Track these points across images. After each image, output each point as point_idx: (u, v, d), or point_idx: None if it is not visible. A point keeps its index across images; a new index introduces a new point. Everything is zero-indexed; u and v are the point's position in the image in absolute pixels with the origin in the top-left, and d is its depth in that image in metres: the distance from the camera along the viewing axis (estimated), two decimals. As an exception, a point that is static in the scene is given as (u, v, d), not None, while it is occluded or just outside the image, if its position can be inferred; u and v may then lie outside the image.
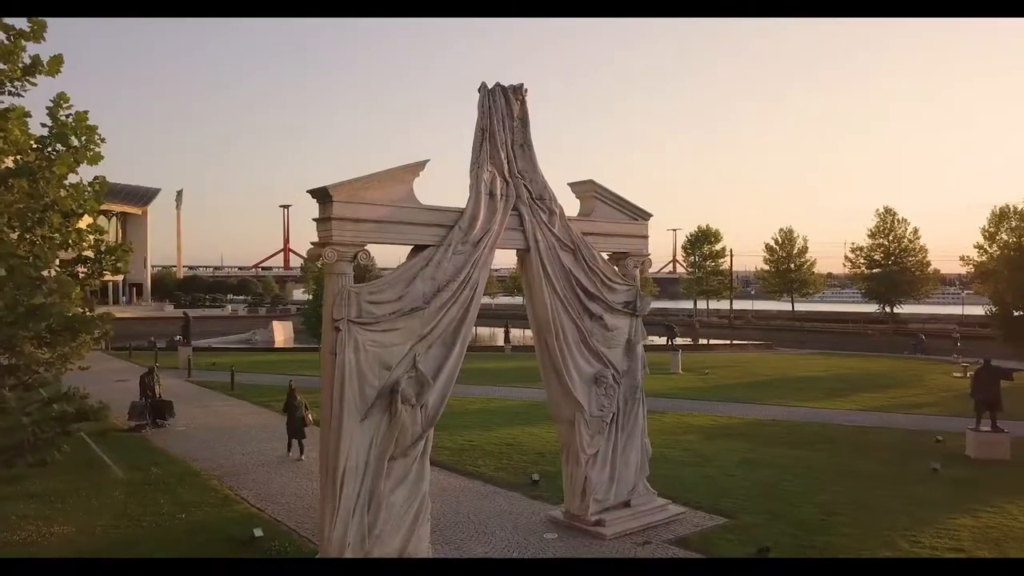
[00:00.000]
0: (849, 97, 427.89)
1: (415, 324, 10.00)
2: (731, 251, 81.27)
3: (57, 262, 9.54)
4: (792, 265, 77.27)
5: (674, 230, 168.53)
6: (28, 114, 9.81)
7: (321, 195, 9.51)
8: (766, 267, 79.34)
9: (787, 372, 37.34)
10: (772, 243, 79.27)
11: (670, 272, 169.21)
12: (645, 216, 13.07)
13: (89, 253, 9.87)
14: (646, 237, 13.12)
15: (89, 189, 10.02)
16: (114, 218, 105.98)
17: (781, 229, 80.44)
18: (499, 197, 10.90)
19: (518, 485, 14.99)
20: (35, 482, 14.44)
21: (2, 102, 8.83)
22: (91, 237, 9.85)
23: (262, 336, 57.84)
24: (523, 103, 11.40)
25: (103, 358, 42.47)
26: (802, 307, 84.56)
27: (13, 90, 9.28)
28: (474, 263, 10.53)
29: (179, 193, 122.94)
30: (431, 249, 10.24)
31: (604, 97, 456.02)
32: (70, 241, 9.52)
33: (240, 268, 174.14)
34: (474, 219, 10.58)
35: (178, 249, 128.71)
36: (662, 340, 46.30)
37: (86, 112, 10.39)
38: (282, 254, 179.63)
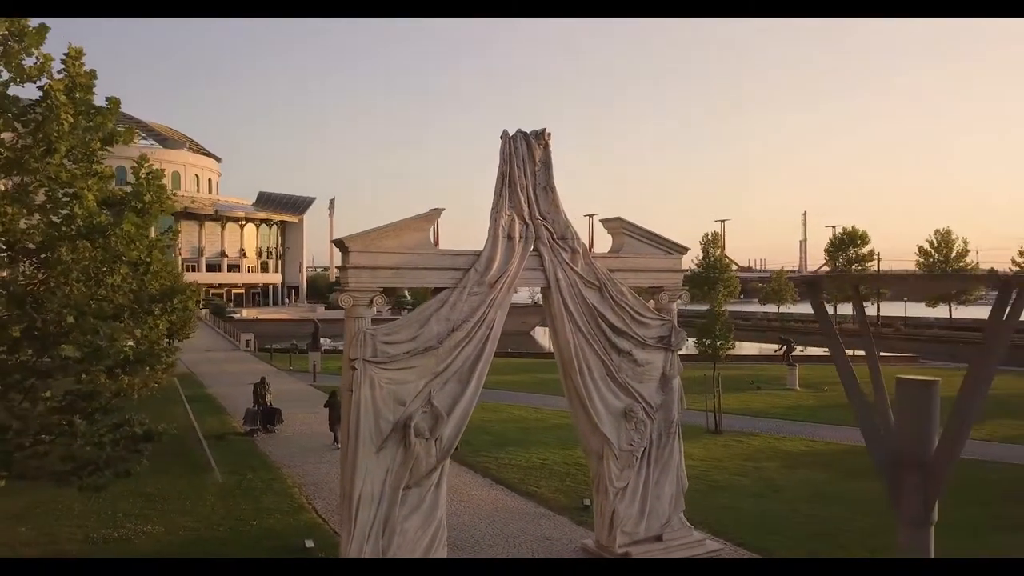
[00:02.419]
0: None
1: (430, 362, 10.71)
2: (879, 254, 75.98)
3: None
4: (950, 269, 71.10)
5: (832, 227, 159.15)
6: (112, 175, 11.53)
7: (340, 245, 10.45)
8: (919, 272, 73.46)
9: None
10: (926, 245, 73.39)
11: (811, 272, 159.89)
12: (681, 250, 13.06)
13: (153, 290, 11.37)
14: (681, 271, 13.09)
15: (160, 239, 11.59)
16: (274, 226, 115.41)
17: (937, 230, 74.25)
18: (517, 239, 11.38)
19: (569, 509, 15.35)
20: (149, 481, 16.56)
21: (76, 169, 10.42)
22: (155, 284, 11.38)
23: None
24: (546, 147, 11.81)
25: (248, 359, 46.83)
26: (963, 314, 77.41)
27: (96, 159, 10.93)
28: (490, 303, 11.08)
29: (332, 201, 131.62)
30: (447, 291, 10.91)
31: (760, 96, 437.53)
32: (136, 287, 11.10)
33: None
34: (490, 261, 11.14)
35: (331, 254, 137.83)
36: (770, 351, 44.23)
37: (161, 170, 12.01)
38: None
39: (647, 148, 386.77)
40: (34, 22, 10.85)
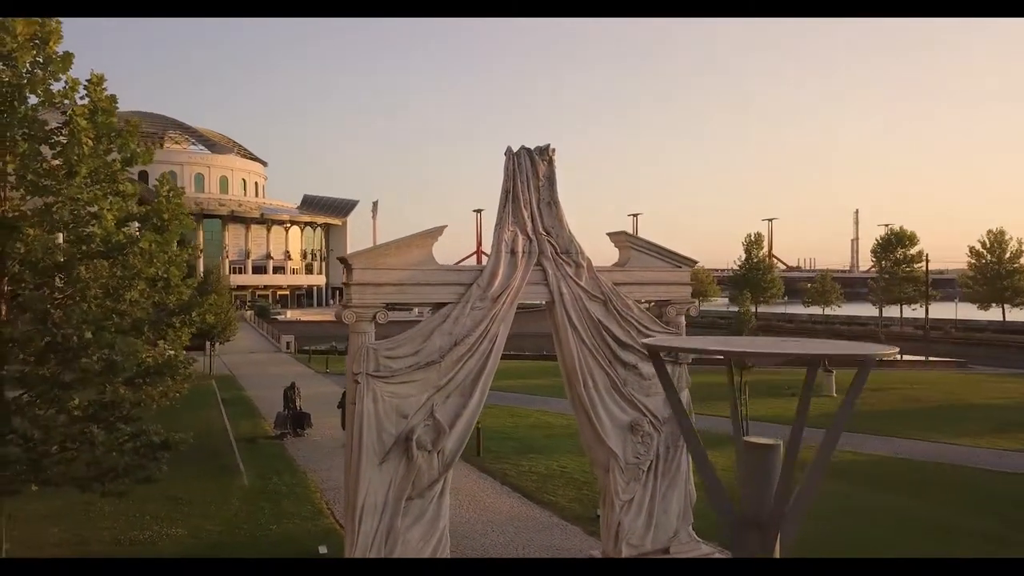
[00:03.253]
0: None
1: (432, 376, 10.93)
2: (927, 256, 73.85)
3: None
4: (1003, 271, 68.81)
5: (885, 225, 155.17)
6: (134, 193, 12.05)
7: (344, 262, 10.75)
8: (970, 273, 71.27)
9: (960, 398, 33.73)
10: (978, 246, 71.11)
11: (862, 272, 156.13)
12: (688, 263, 13.04)
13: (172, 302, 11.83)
14: (689, 284, 13.06)
15: (179, 255, 12.07)
16: (318, 229, 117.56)
17: (990, 231, 71.85)
18: (520, 254, 11.53)
19: (583, 519, 15.42)
20: (178, 484, 17.19)
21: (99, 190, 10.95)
22: (172, 298, 11.85)
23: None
24: (550, 163, 11.93)
25: (287, 361, 47.90)
26: (1017, 317, 74.72)
27: (117, 179, 11.46)
28: (493, 317, 11.25)
29: (375, 204, 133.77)
30: (450, 306, 11.12)
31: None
32: (158, 300, 11.59)
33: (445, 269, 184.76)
34: (493, 276, 11.31)
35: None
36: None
37: (183, 189, 12.52)
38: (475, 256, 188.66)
39: (694, 146, 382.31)
40: (60, 48, 11.45)
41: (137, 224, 11.43)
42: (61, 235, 10.69)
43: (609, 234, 12.84)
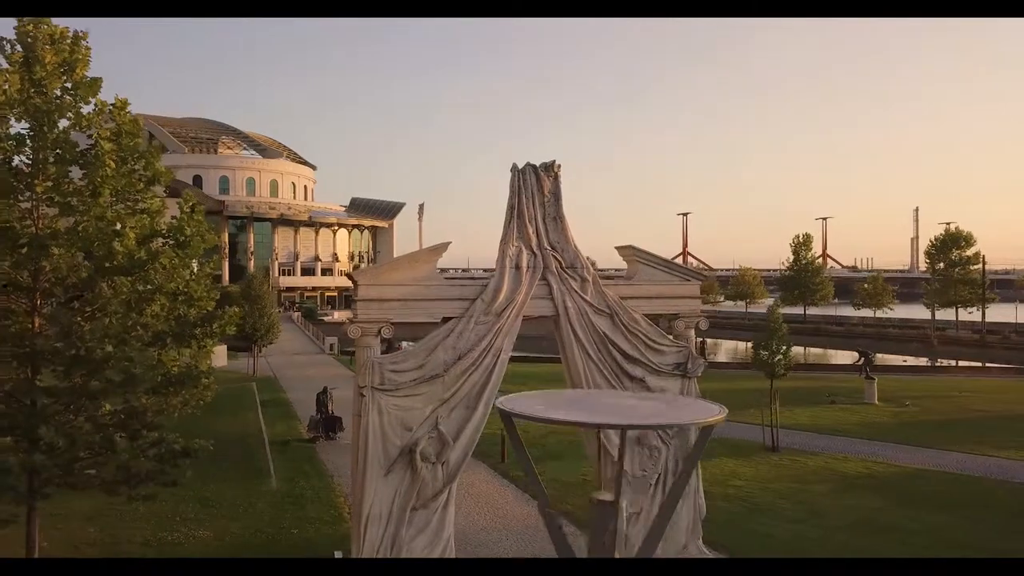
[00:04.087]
0: None
1: (436, 389, 11.17)
2: (984, 258, 71.21)
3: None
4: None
5: (946, 224, 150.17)
6: (160, 210, 12.60)
7: (351, 279, 11.07)
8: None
9: (1015, 408, 32.46)
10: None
11: (922, 272, 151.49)
12: (697, 277, 13.01)
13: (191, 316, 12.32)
14: (698, 298, 13.02)
15: (201, 270, 12.60)
16: (366, 231, 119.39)
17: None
18: (525, 269, 11.69)
19: (598, 528, 15.46)
20: (210, 487, 17.88)
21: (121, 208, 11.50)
22: (193, 311, 12.35)
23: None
24: (556, 179, 12.06)
25: (329, 363, 48.83)
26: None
27: (139, 199, 12.01)
28: (497, 331, 11.44)
29: (421, 207, 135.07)
30: (454, 320, 11.35)
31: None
32: (181, 313, 12.12)
33: (484, 270, 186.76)
34: (497, 291, 11.49)
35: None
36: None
37: (203, 207, 13.05)
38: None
39: (752, 144, 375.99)
40: (89, 72, 12.05)
41: (161, 240, 11.94)
42: (84, 253, 11.25)
43: (617, 248, 12.90)
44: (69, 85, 11.68)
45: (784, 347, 23.63)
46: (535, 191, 11.93)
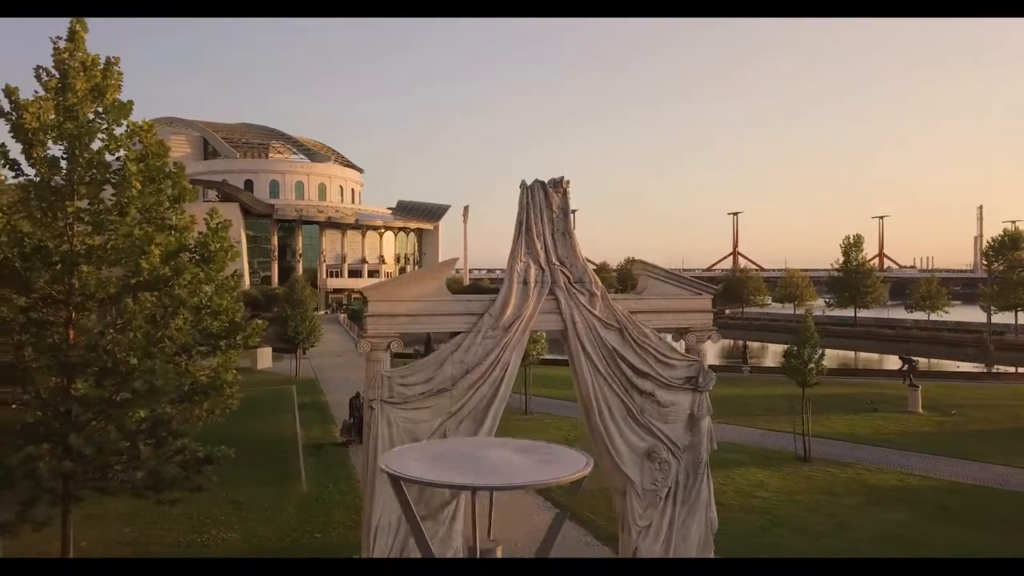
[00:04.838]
0: None
1: (444, 402, 11.42)
2: (1045, 258, 68.23)
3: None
4: None
5: (1012, 222, 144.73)
6: (187, 226, 13.14)
7: (361, 295, 11.40)
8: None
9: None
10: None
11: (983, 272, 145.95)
12: (708, 290, 12.96)
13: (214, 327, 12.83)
14: (709, 312, 12.98)
15: (225, 283, 13.11)
16: (411, 233, 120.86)
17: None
18: (533, 284, 11.84)
19: (616, 540, 15.51)
20: (242, 489, 18.49)
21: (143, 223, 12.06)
22: (216, 324, 12.84)
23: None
24: (564, 195, 12.18)
25: (371, 366, 49.65)
26: None
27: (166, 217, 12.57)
28: (504, 346, 11.62)
29: (466, 209, 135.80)
30: (462, 335, 11.57)
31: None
32: (202, 327, 12.64)
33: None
34: (505, 306, 11.68)
35: (464, 258, 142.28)
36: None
37: (228, 221, 13.57)
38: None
39: (814, 142, 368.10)
40: (122, 96, 12.64)
41: (188, 255, 12.46)
42: (112, 269, 11.83)
43: (627, 260, 12.96)
44: (100, 109, 12.30)
45: (816, 355, 23.18)
46: (543, 207, 12.07)
